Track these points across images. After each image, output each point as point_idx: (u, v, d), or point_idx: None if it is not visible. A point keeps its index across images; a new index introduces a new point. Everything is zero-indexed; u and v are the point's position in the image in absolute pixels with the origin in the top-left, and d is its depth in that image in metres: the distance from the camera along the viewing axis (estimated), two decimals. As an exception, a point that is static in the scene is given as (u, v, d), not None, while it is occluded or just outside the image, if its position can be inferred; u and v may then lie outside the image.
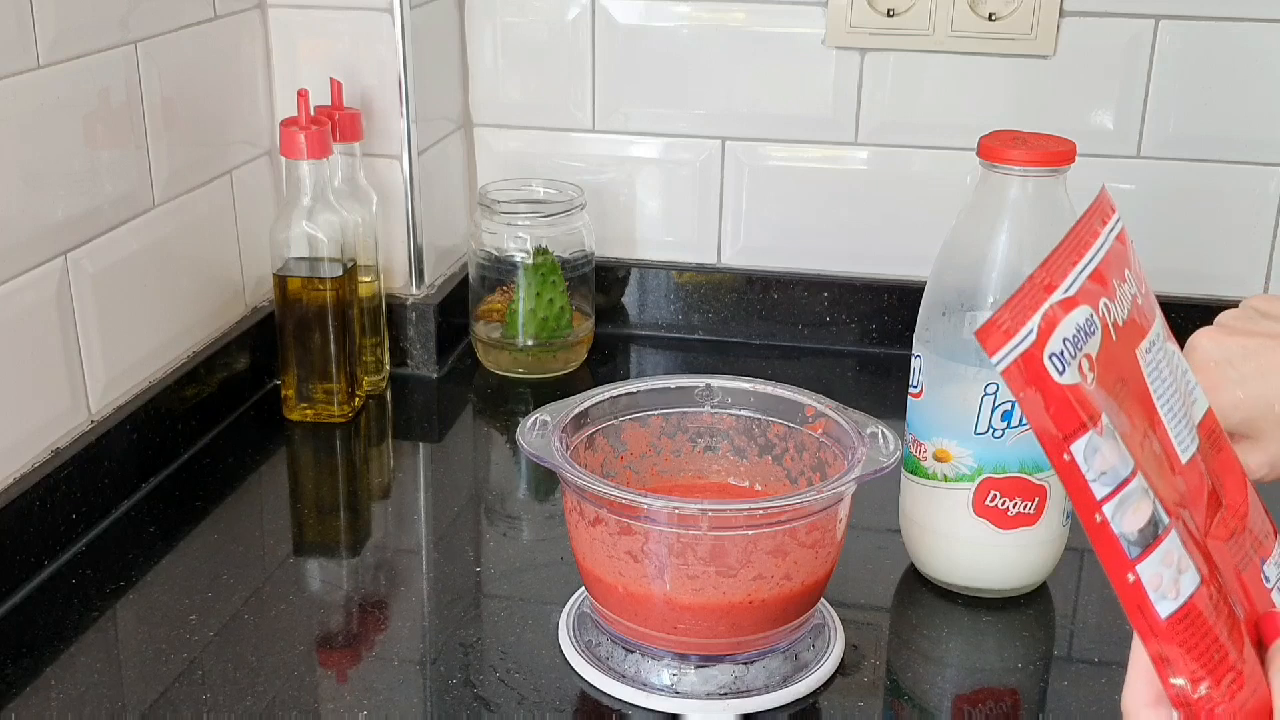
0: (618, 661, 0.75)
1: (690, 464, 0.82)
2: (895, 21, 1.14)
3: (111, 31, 0.91)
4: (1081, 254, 0.44)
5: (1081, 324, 0.43)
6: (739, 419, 0.82)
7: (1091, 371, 0.43)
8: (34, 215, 0.85)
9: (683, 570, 0.70)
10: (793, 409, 0.80)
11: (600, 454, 0.80)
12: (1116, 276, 0.45)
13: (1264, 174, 1.15)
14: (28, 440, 0.85)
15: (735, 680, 0.74)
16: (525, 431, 0.74)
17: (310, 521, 0.97)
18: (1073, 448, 0.42)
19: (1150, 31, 1.12)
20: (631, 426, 0.81)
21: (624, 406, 0.80)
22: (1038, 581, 0.85)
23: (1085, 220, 0.46)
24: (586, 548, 0.74)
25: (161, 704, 0.73)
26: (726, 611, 0.71)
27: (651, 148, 1.24)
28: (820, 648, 0.77)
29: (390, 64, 1.10)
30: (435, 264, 1.19)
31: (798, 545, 0.71)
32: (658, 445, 0.82)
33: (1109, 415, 0.43)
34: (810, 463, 0.79)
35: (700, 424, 0.82)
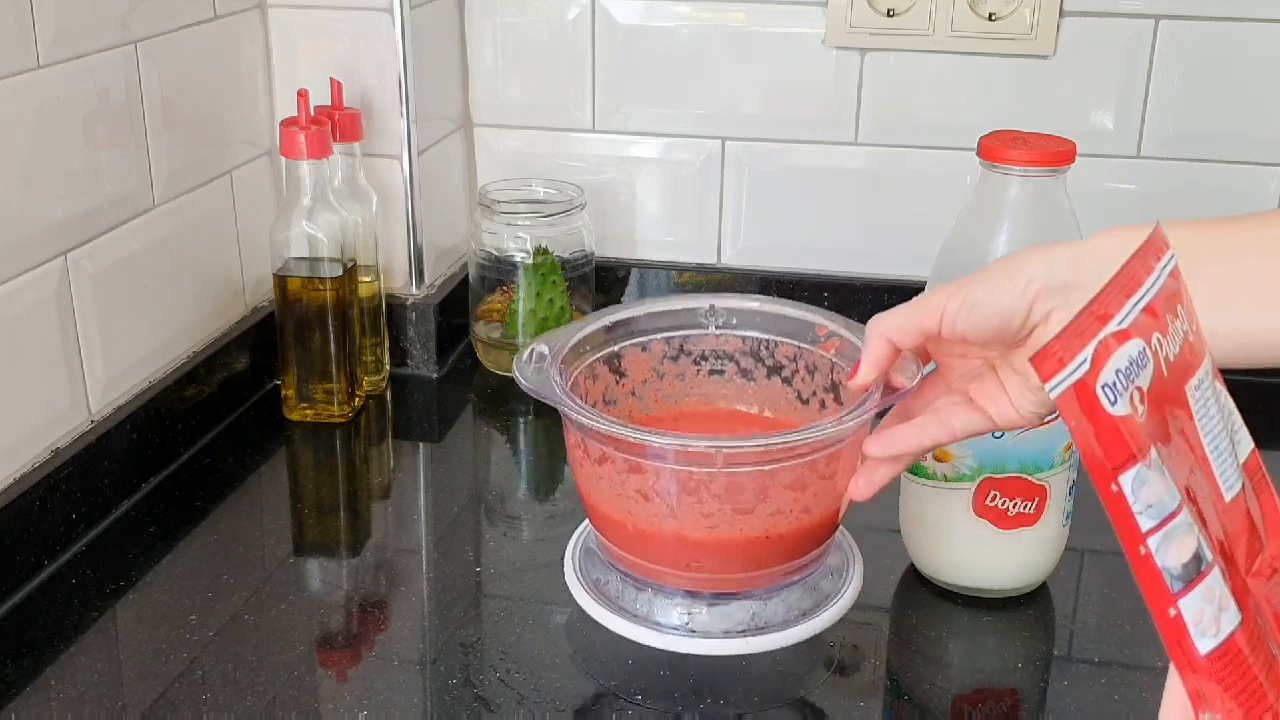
0: (628, 600, 0.72)
1: (695, 388, 0.79)
2: (895, 21, 1.14)
3: (111, 31, 0.91)
4: (1135, 288, 0.45)
5: (1135, 356, 0.43)
6: (746, 340, 0.78)
7: (1142, 404, 0.43)
8: (34, 215, 0.85)
9: (696, 508, 0.67)
10: (803, 328, 0.76)
11: (601, 383, 0.76)
12: (1169, 312, 0.46)
13: (1264, 174, 1.15)
14: (28, 440, 0.85)
15: (753, 617, 0.71)
16: (522, 365, 0.70)
17: (310, 521, 0.97)
18: (1121, 479, 0.43)
19: (1150, 31, 1.12)
20: (633, 352, 0.77)
21: (624, 332, 0.76)
22: (1038, 581, 0.85)
23: (1139, 256, 0.46)
24: (592, 485, 0.70)
25: (161, 704, 0.73)
26: (743, 547, 0.68)
27: (651, 148, 1.24)
28: (840, 576, 0.74)
29: (390, 64, 1.10)
30: (435, 264, 1.19)
31: (817, 478, 0.68)
32: (661, 370, 0.78)
33: (1157, 449, 0.43)
34: (823, 384, 0.76)
35: (705, 346, 0.78)
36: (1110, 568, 0.89)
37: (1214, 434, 0.47)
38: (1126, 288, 0.45)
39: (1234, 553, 0.46)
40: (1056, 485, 0.80)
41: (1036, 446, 0.79)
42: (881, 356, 0.65)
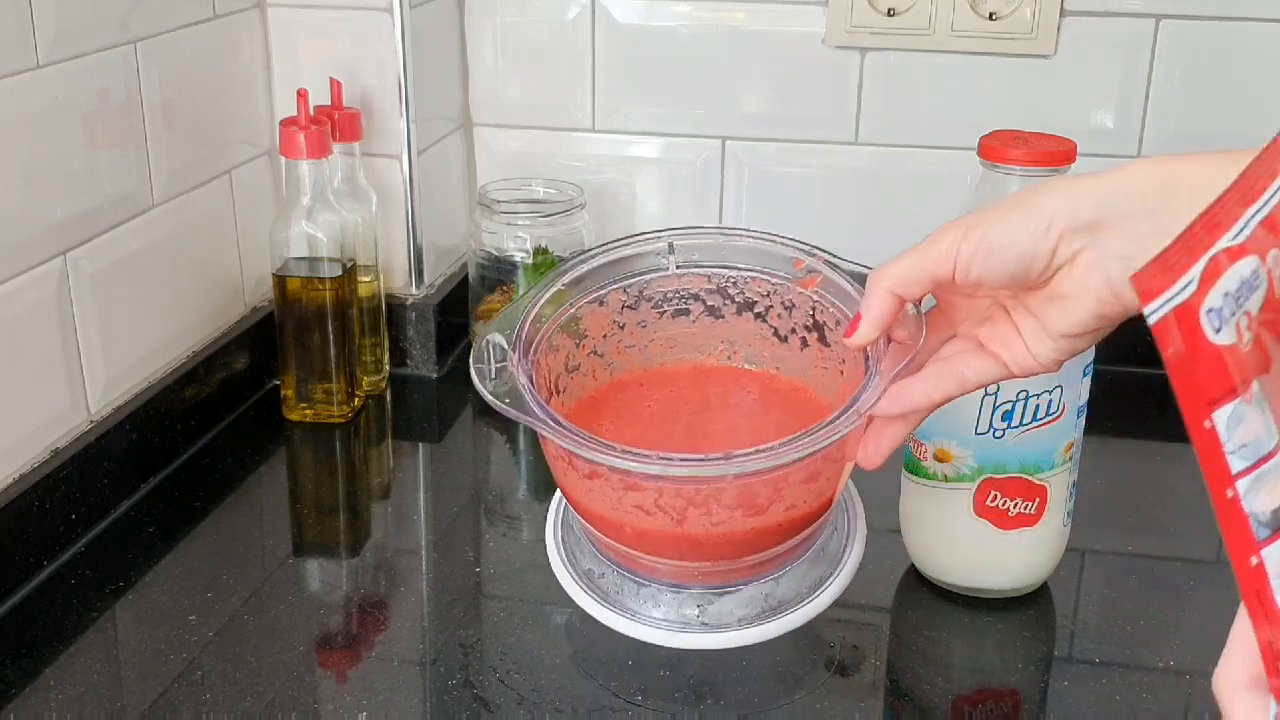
0: (629, 596, 0.66)
1: (659, 331, 0.71)
2: (895, 21, 1.14)
3: (111, 31, 0.91)
4: (1255, 197, 0.40)
5: (1246, 277, 0.39)
6: (711, 277, 0.69)
7: (1249, 331, 0.39)
8: (33, 215, 0.85)
9: (704, 517, 0.61)
10: (775, 262, 0.68)
11: (562, 353, 0.68)
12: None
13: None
14: (27, 440, 0.85)
15: (766, 598, 0.65)
16: (484, 370, 0.62)
17: (310, 522, 0.97)
18: (1215, 414, 0.38)
19: (1150, 31, 1.12)
20: (590, 309, 0.69)
21: (578, 291, 0.68)
22: (1038, 582, 0.84)
23: (1263, 159, 0.41)
24: (581, 495, 0.63)
25: (161, 704, 0.73)
26: (754, 540, 0.63)
27: (651, 148, 1.24)
28: (844, 531, 0.69)
29: (390, 64, 1.10)
30: (435, 264, 1.19)
31: (829, 464, 0.62)
32: (620, 320, 0.70)
33: (1260, 383, 0.39)
34: (803, 321, 0.68)
35: (666, 288, 0.70)
36: (1110, 568, 0.89)
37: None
38: (1245, 197, 0.40)
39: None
40: (1057, 485, 0.80)
41: (1037, 447, 0.79)
42: (885, 312, 0.59)
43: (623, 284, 0.69)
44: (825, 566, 0.67)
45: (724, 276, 0.69)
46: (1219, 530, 0.40)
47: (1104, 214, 0.54)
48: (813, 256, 0.67)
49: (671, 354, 0.72)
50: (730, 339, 0.71)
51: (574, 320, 0.68)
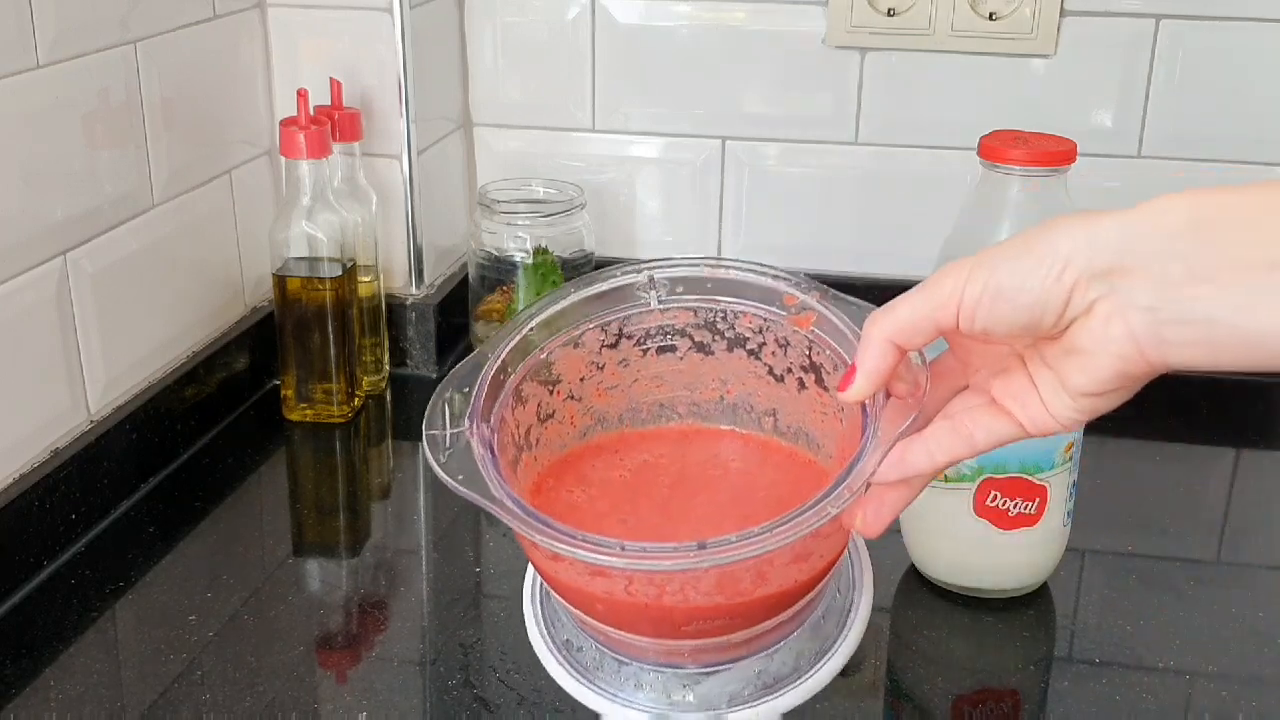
0: (610, 673, 0.61)
1: (643, 369, 0.64)
2: (896, 21, 1.14)
3: (111, 31, 0.91)
4: None
5: None
6: (698, 312, 0.62)
7: None
8: (33, 215, 0.85)
9: (682, 601, 0.55)
10: (767, 296, 0.61)
11: (532, 403, 0.62)
12: None
13: (1264, 174, 1.15)
14: (27, 440, 0.85)
15: (759, 676, 0.60)
16: (439, 441, 0.56)
17: (310, 522, 0.97)
18: None
19: (1150, 31, 1.12)
20: (564, 353, 0.62)
21: (550, 333, 0.62)
22: (1038, 582, 0.84)
23: None
24: (549, 573, 0.58)
25: (161, 704, 0.73)
26: (742, 618, 0.57)
27: (651, 148, 1.24)
28: (847, 595, 0.62)
29: (390, 64, 1.10)
30: (435, 264, 1.19)
31: (821, 540, 0.55)
32: (599, 360, 0.63)
33: None
34: (799, 361, 0.62)
35: (648, 324, 0.63)
36: (1110, 568, 0.89)
37: None
38: None
39: None
40: (1057, 485, 0.80)
41: (1037, 447, 0.79)
42: (883, 365, 0.53)
43: (599, 322, 0.62)
44: (826, 636, 0.61)
45: (711, 310, 0.63)
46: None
47: (1126, 257, 0.46)
48: (806, 293, 0.60)
49: (658, 393, 0.65)
50: (722, 377, 0.64)
51: (545, 366, 0.62)
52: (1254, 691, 0.76)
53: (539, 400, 0.62)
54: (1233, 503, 0.98)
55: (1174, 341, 0.46)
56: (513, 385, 0.60)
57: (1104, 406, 0.51)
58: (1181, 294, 0.45)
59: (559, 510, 0.60)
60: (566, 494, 0.62)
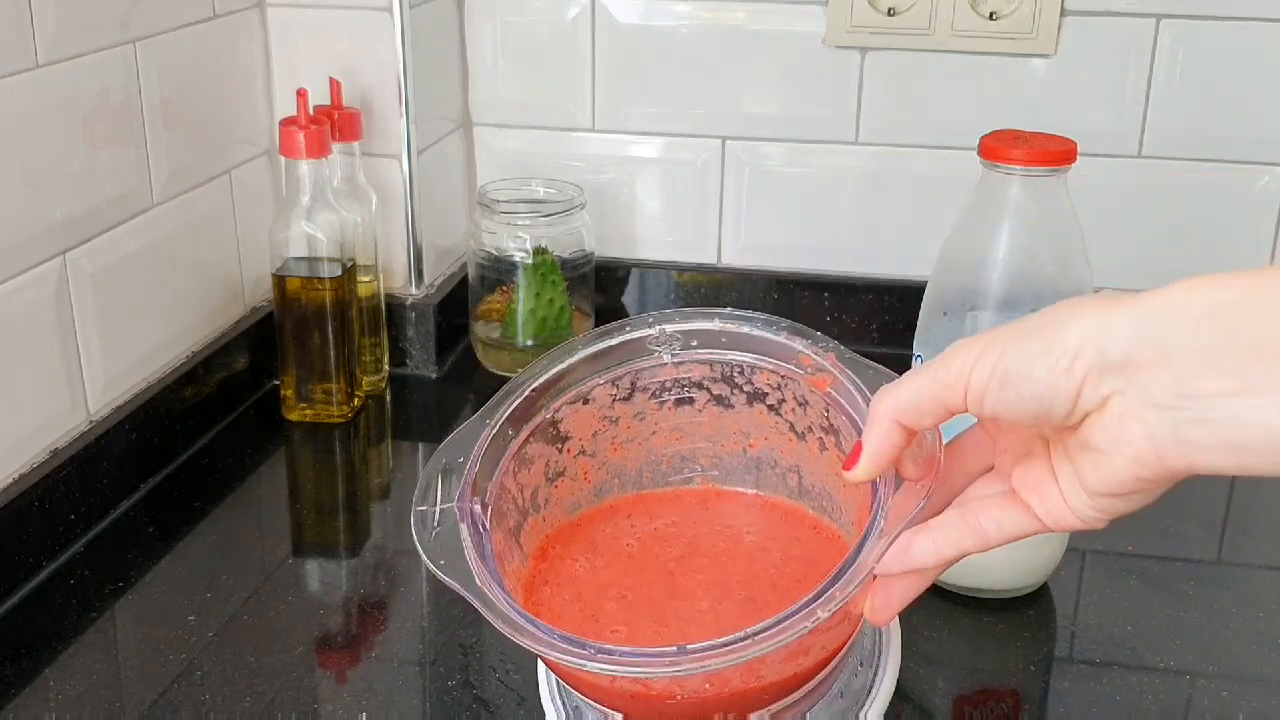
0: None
1: (662, 420, 0.62)
2: (896, 21, 1.14)
3: (111, 31, 0.91)
4: None
5: None
6: (713, 365, 0.60)
7: None
8: (33, 215, 0.85)
9: (665, 692, 0.52)
10: (783, 352, 0.59)
11: (539, 464, 0.60)
12: None
13: (1264, 174, 1.15)
14: (26, 440, 0.85)
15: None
16: (428, 518, 0.54)
17: (309, 522, 0.97)
18: None
19: (1151, 31, 1.12)
20: (572, 410, 0.60)
21: (555, 393, 0.59)
22: (1038, 582, 0.84)
23: None
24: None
25: (160, 704, 0.73)
26: (741, 704, 0.54)
27: (651, 148, 1.24)
28: (872, 664, 0.59)
29: (390, 63, 1.10)
30: (435, 264, 1.19)
31: (819, 634, 0.51)
32: (612, 415, 0.61)
33: None
34: (818, 421, 0.59)
35: (663, 378, 0.60)
36: (1111, 568, 0.89)
37: None
38: None
39: None
40: (1057, 485, 0.80)
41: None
42: (890, 446, 0.49)
43: (609, 377, 0.60)
44: (844, 708, 0.58)
45: (728, 365, 0.60)
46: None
47: (1141, 348, 0.42)
48: (822, 355, 0.58)
49: (678, 445, 0.63)
50: (744, 430, 0.62)
51: (552, 425, 0.59)
52: (1254, 691, 0.76)
53: (546, 460, 0.60)
54: (1233, 503, 0.98)
55: (1197, 443, 0.42)
56: (514, 449, 0.58)
57: (1124, 508, 0.47)
58: (1203, 389, 0.41)
59: (561, 579, 0.59)
60: (571, 562, 0.60)
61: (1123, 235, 1.17)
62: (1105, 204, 1.16)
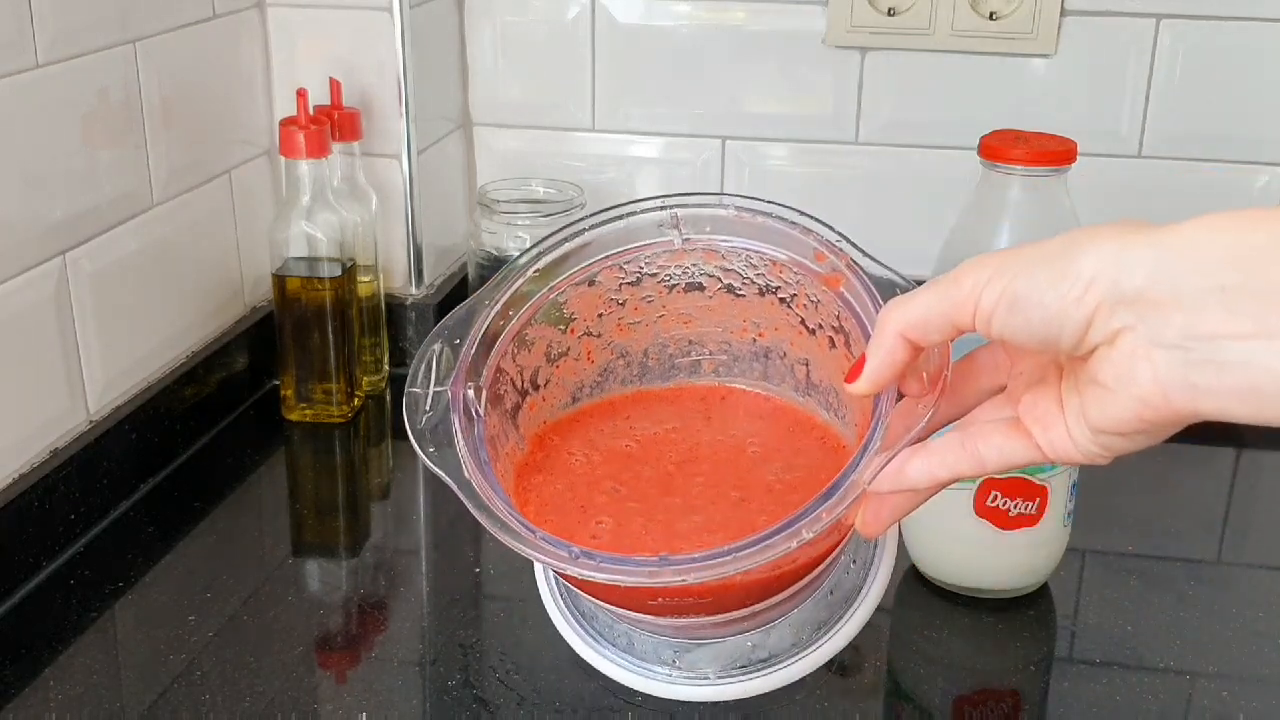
0: (609, 632, 0.59)
1: (670, 304, 0.59)
2: (896, 21, 1.14)
3: (110, 31, 0.91)
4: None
5: None
6: (725, 254, 0.58)
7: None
8: (32, 215, 0.85)
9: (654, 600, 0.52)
10: (797, 245, 0.58)
11: (540, 345, 0.58)
12: None
13: (1264, 174, 1.15)
14: (26, 440, 0.85)
15: (753, 649, 0.56)
16: (419, 399, 0.52)
17: (309, 522, 0.97)
18: None
19: (1151, 31, 1.12)
20: (578, 292, 0.57)
21: (557, 274, 0.57)
22: (1038, 582, 0.84)
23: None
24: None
25: (160, 705, 0.73)
26: (721, 601, 0.53)
27: (651, 148, 1.24)
28: (859, 571, 0.57)
29: (389, 63, 1.10)
30: (435, 264, 1.19)
31: (808, 547, 0.50)
32: (619, 298, 0.59)
33: None
34: (829, 320, 0.57)
35: (672, 264, 0.58)
36: (1111, 568, 0.89)
37: None
38: None
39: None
40: (1057, 485, 0.80)
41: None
42: (894, 360, 0.48)
43: (617, 260, 0.57)
44: (834, 605, 0.57)
45: (741, 254, 0.58)
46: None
47: (1157, 284, 0.41)
48: (836, 254, 0.56)
49: (686, 330, 0.61)
50: (755, 320, 0.60)
51: (555, 306, 0.57)
52: (1254, 691, 0.76)
53: (548, 341, 0.58)
54: (1233, 503, 0.98)
55: (1205, 388, 0.40)
56: (513, 330, 0.56)
57: (1127, 447, 0.46)
58: (1216, 331, 0.39)
59: (555, 469, 0.58)
60: (568, 455, 0.59)
61: (1123, 235, 1.17)
62: (1105, 204, 1.16)
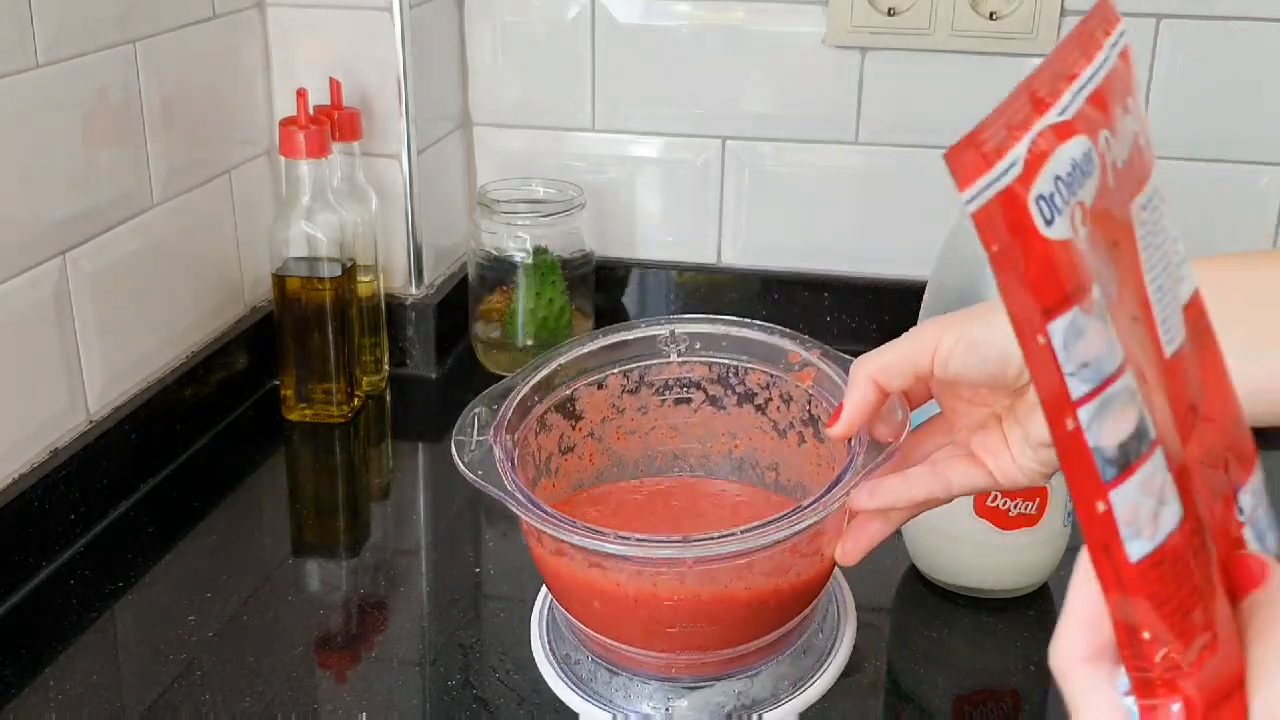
0: (602, 684, 0.65)
1: (661, 419, 0.71)
2: (896, 21, 1.14)
3: (110, 31, 0.91)
4: (1081, 68, 0.35)
5: (1078, 159, 0.33)
6: (712, 366, 0.69)
7: (1084, 225, 0.33)
8: (32, 215, 0.85)
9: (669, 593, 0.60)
10: (774, 354, 0.68)
11: (555, 432, 0.68)
12: (1119, 103, 0.36)
13: (1264, 174, 1.15)
14: (26, 440, 0.85)
15: (738, 697, 0.63)
16: (465, 444, 0.62)
17: (309, 522, 0.97)
18: (1051, 327, 0.32)
19: (1150, 31, 1.12)
20: (588, 392, 0.69)
21: (576, 372, 0.68)
22: (1038, 582, 0.84)
23: (1084, 27, 0.36)
24: (549, 569, 0.64)
25: (160, 704, 0.73)
26: (720, 627, 0.61)
27: (651, 148, 1.24)
28: (828, 637, 0.66)
29: (390, 63, 1.10)
30: (435, 264, 1.19)
31: (799, 557, 0.60)
32: (620, 405, 0.70)
33: (1100, 287, 0.33)
34: (799, 415, 0.68)
35: (667, 375, 0.70)
36: (1111, 568, 0.89)
37: (1158, 270, 0.36)
38: (1069, 67, 0.35)
39: (1175, 425, 0.36)
40: (1057, 486, 0.80)
41: (1037, 447, 0.78)
42: (866, 402, 0.58)
43: (623, 368, 0.69)
44: (807, 665, 0.65)
45: (725, 366, 0.69)
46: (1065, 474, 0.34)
47: None
48: (808, 350, 0.67)
49: (672, 444, 0.71)
50: (732, 431, 0.71)
51: (569, 401, 0.68)
52: (1254, 692, 0.76)
53: (561, 432, 0.68)
54: (1233, 503, 0.98)
55: None
56: (538, 413, 0.66)
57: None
58: None
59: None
60: (583, 511, 0.67)
61: (1123, 235, 1.17)
62: (1105, 204, 1.16)
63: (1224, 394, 0.39)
